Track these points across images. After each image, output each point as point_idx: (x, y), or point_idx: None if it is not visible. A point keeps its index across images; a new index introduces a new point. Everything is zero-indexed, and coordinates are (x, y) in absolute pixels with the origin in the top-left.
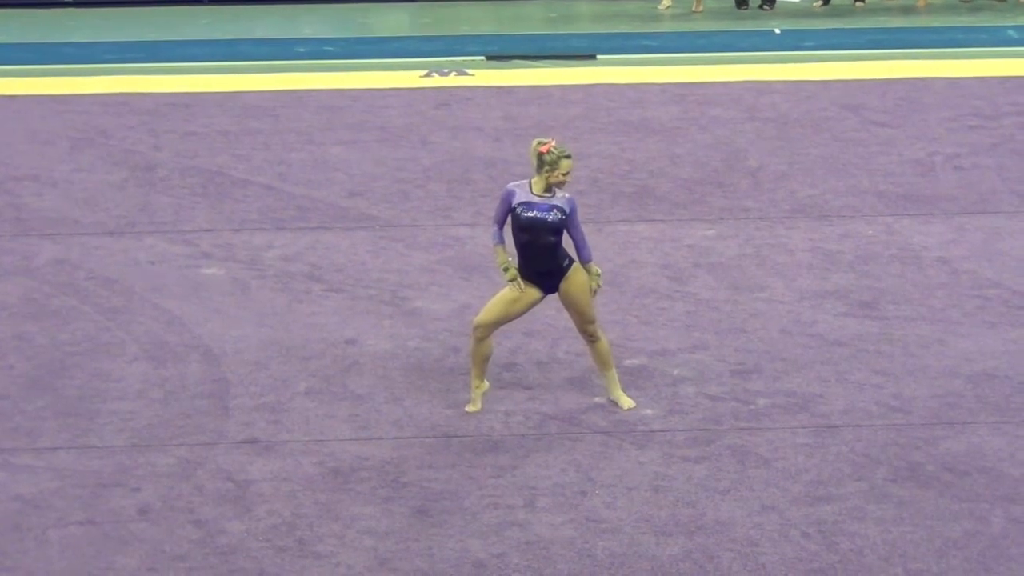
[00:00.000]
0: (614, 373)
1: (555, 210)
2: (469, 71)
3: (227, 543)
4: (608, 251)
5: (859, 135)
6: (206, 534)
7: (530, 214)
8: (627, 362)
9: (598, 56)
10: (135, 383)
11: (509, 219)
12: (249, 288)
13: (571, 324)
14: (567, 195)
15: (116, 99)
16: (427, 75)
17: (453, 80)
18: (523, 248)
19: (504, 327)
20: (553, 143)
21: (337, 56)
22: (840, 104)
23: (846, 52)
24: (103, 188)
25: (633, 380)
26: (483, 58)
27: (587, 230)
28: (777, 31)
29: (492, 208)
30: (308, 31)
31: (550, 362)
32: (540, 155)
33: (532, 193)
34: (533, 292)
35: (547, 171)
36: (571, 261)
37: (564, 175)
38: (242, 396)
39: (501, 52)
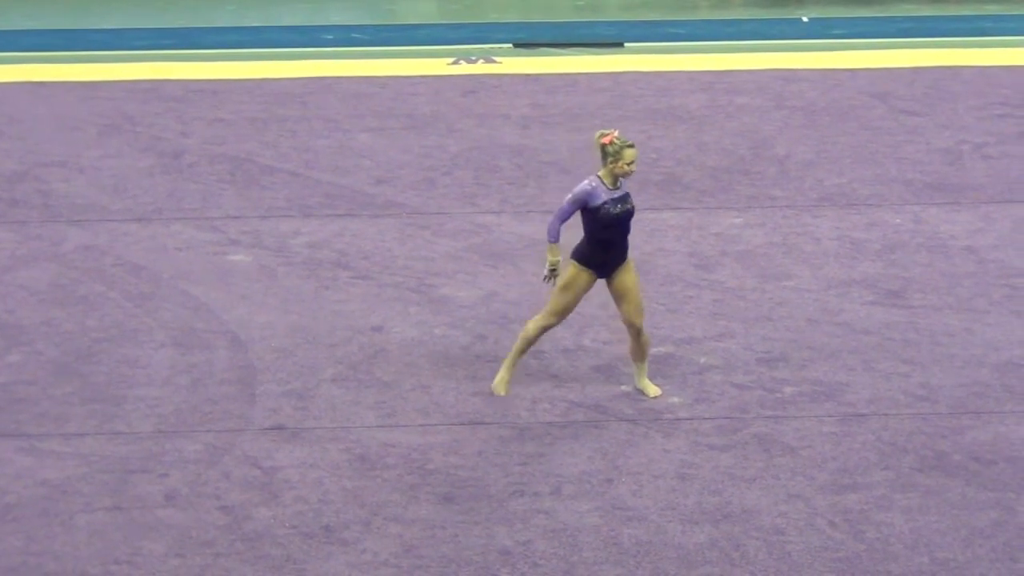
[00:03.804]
0: (646, 365)
1: (630, 199)
2: (496, 59)
3: (253, 529)
4: (635, 239)
5: (887, 124)
6: (233, 520)
7: (617, 210)
8: (654, 350)
9: (626, 44)
10: (162, 369)
11: (592, 216)
12: (276, 275)
13: (599, 312)
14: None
15: (144, 86)
16: (454, 63)
17: (480, 68)
18: (604, 242)
19: (531, 315)
20: (616, 134)
21: (365, 43)
22: (868, 92)
23: (874, 40)
24: (131, 174)
25: (660, 368)
26: (511, 46)
27: None
28: (805, 19)
29: (518, 195)
30: (336, 18)
31: (576, 350)
32: (603, 146)
33: (604, 187)
34: (587, 277)
35: (611, 162)
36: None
37: (628, 165)
38: (269, 383)
39: (529, 40)
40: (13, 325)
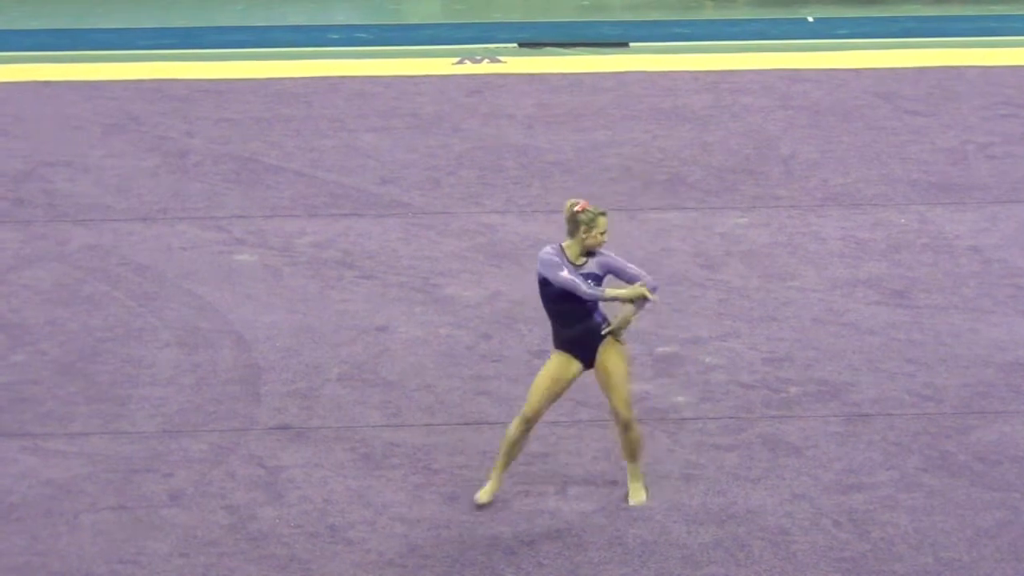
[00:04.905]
0: (638, 466)
1: (590, 279)
2: (501, 58)
3: (258, 529)
4: (640, 239)
5: (892, 123)
6: (238, 520)
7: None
8: (659, 350)
9: (630, 44)
10: (167, 369)
11: (542, 286)
12: (281, 275)
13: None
14: (599, 256)
15: (149, 85)
16: (459, 62)
17: (485, 67)
18: (556, 317)
19: (535, 315)
20: (584, 202)
21: (369, 43)
22: (873, 92)
23: (879, 40)
24: (135, 174)
25: (665, 368)
26: (515, 45)
27: (619, 218)
28: (810, 19)
29: (523, 195)
30: (341, 18)
31: None
32: (575, 215)
33: (568, 261)
34: (574, 366)
35: (584, 231)
36: (606, 333)
37: (602, 234)
38: (274, 382)
39: (533, 39)
40: (18, 325)
